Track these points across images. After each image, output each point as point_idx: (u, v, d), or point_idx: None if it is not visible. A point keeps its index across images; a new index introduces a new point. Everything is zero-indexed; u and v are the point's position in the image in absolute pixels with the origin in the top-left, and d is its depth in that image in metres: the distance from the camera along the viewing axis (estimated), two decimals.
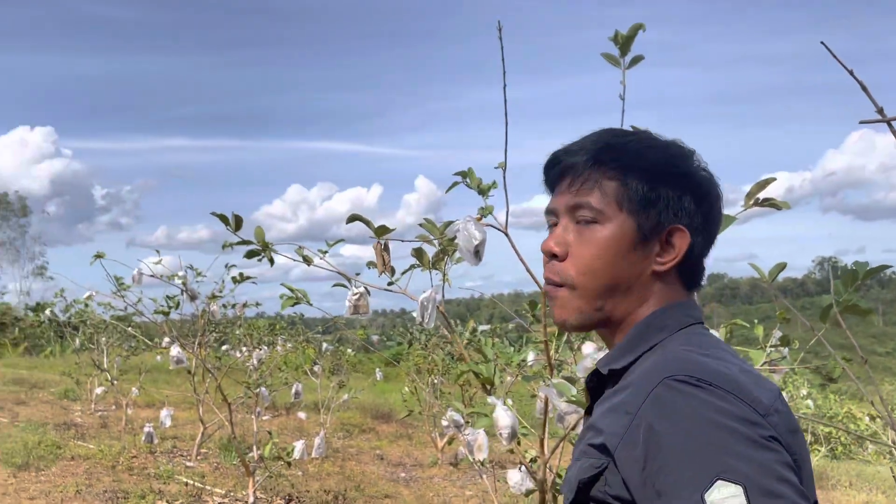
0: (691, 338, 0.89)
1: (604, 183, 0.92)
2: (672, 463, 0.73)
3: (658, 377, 0.80)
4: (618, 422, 0.82)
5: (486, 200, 2.05)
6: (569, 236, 0.94)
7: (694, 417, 0.74)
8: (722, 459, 0.70)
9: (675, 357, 0.83)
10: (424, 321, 2.21)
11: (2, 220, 32.58)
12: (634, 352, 0.91)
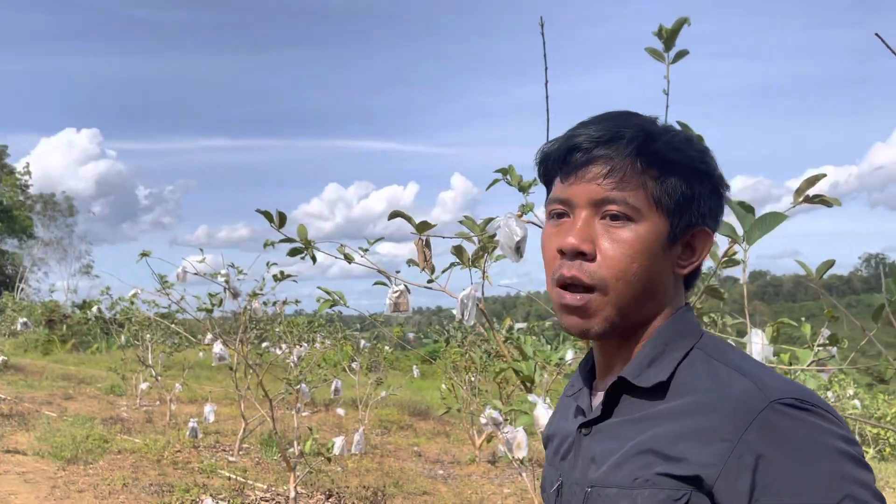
0: (726, 346, 0.87)
1: (643, 178, 0.85)
2: (791, 494, 0.71)
3: (761, 400, 0.75)
4: (709, 449, 0.75)
5: (526, 197, 2.05)
6: (593, 233, 0.85)
7: (811, 444, 0.72)
8: (844, 486, 0.70)
9: (767, 375, 0.79)
10: (465, 319, 2.22)
11: (50, 221, 33.55)
12: (669, 360, 0.85)
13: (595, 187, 0.85)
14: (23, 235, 32.61)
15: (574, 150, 0.86)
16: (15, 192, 32.70)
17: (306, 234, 2.46)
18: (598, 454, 0.86)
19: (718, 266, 1.70)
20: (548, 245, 0.89)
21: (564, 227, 0.87)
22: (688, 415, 0.79)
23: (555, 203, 0.89)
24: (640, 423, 0.83)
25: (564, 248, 0.85)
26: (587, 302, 0.85)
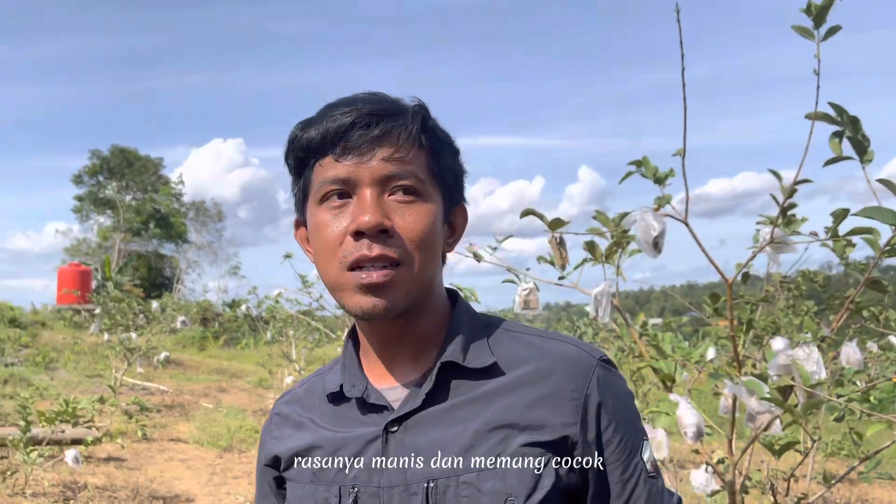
0: (515, 323, 0.91)
1: (423, 155, 0.84)
2: (623, 431, 0.84)
3: (590, 359, 0.85)
4: (564, 409, 0.81)
5: (662, 189, 1.97)
6: (387, 210, 0.81)
7: (625, 391, 0.87)
8: (641, 425, 0.87)
9: (575, 339, 0.88)
10: (599, 315, 2.17)
11: (201, 226, 36.16)
12: (482, 341, 0.86)
13: (382, 164, 0.81)
14: (178, 240, 35.41)
15: (355, 126, 0.81)
16: (170, 200, 35.55)
17: None
18: (424, 446, 0.80)
19: (880, 256, 1.56)
20: (330, 229, 0.82)
21: (348, 209, 0.81)
22: (529, 384, 0.82)
23: (331, 184, 0.82)
24: (478, 402, 0.82)
25: (364, 228, 0.79)
26: (393, 277, 0.80)
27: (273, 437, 0.93)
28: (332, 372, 0.92)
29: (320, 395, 0.90)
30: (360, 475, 0.82)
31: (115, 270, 23.40)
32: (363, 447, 0.83)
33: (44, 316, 17.88)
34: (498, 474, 0.78)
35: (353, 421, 0.85)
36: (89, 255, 32.07)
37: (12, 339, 12.52)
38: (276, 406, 0.97)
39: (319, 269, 0.85)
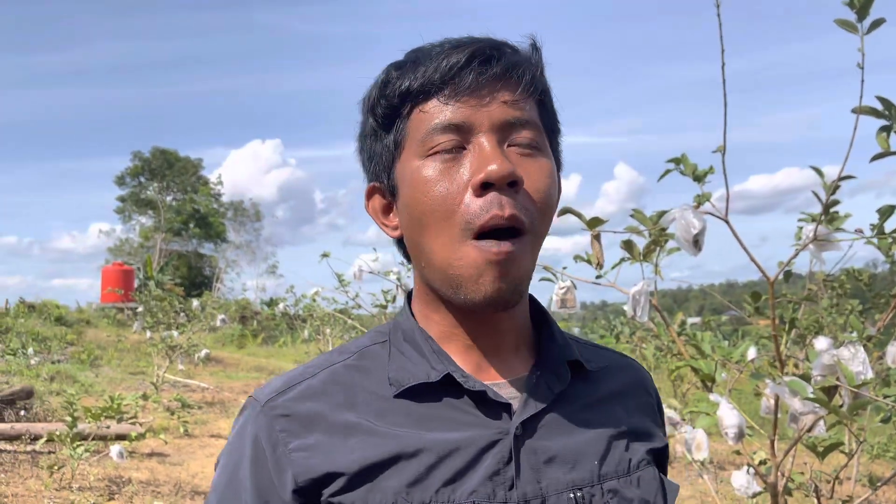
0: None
1: (537, 105, 0.71)
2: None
3: (646, 373, 0.85)
4: (654, 419, 0.81)
5: (702, 187, 1.95)
6: (510, 160, 0.67)
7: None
8: None
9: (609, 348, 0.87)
10: (637, 314, 2.15)
11: (239, 225, 36.76)
12: (569, 339, 0.79)
13: (502, 107, 0.68)
14: (217, 240, 36.03)
15: (472, 61, 0.67)
16: (210, 200, 36.19)
17: None
18: (560, 452, 0.69)
19: None
20: (442, 186, 0.66)
21: (461, 160, 0.67)
22: (626, 392, 0.80)
23: (442, 131, 0.67)
24: (599, 406, 0.75)
25: (494, 177, 0.64)
26: (517, 251, 0.66)
27: (303, 450, 0.67)
28: (396, 358, 0.73)
29: (374, 387, 0.71)
30: (480, 490, 0.65)
31: (156, 270, 23.89)
32: (478, 454, 0.67)
33: (88, 314, 18.34)
34: (635, 481, 0.72)
35: (448, 422, 0.68)
36: (131, 254, 32.81)
37: (58, 336, 12.87)
38: (269, 408, 0.70)
39: (421, 238, 0.69)
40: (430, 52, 0.69)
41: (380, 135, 0.73)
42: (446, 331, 0.73)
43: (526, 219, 0.66)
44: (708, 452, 2.34)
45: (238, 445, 0.70)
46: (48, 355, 10.89)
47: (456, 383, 0.69)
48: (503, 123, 0.67)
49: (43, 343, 11.89)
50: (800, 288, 3.18)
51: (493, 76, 0.67)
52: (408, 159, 0.69)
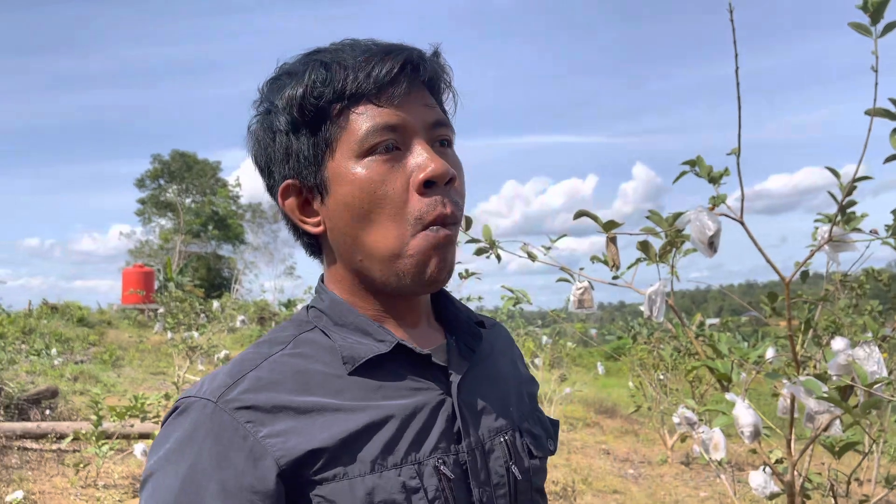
0: None
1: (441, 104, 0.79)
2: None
3: (496, 320, 0.96)
4: (523, 364, 0.95)
5: (717, 189, 1.97)
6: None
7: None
8: None
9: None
10: (653, 315, 2.17)
11: (257, 227, 37.01)
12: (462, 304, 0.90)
13: (428, 110, 0.74)
14: (236, 242, 36.31)
15: (405, 68, 0.72)
16: (228, 203, 36.48)
17: (491, 235, 2.54)
18: (484, 404, 0.79)
19: None
20: (389, 185, 0.71)
21: (400, 160, 0.72)
22: (506, 346, 0.92)
23: (381, 132, 0.71)
24: (497, 360, 0.88)
25: (438, 176, 0.71)
26: (453, 236, 0.75)
27: (278, 435, 0.67)
28: (337, 339, 0.76)
29: (325, 369, 0.73)
30: (438, 447, 0.73)
31: (176, 271, 24.13)
32: (431, 414, 0.74)
33: (110, 315, 18.57)
34: (538, 419, 0.87)
35: (399, 389, 0.74)
36: (151, 256, 33.16)
37: (81, 337, 13.06)
38: (224, 402, 0.68)
39: (362, 231, 0.73)
40: (356, 56, 0.72)
41: (302, 133, 0.74)
42: (374, 315, 0.78)
43: (458, 211, 0.74)
44: (725, 452, 2.36)
45: (189, 448, 0.66)
46: (71, 356, 11.06)
47: (401, 354, 0.75)
48: (429, 125, 0.74)
49: (66, 344, 12.07)
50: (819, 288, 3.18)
51: (422, 82, 0.75)
52: (342, 158, 0.73)
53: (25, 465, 5.09)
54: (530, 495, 0.80)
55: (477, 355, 0.83)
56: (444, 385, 0.77)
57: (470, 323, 0.84)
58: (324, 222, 0.76)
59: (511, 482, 0.77)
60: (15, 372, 7.77)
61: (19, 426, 5.58)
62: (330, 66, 0.72)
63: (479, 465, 0.75)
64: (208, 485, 0.64)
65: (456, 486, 0.72)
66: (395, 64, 0.71)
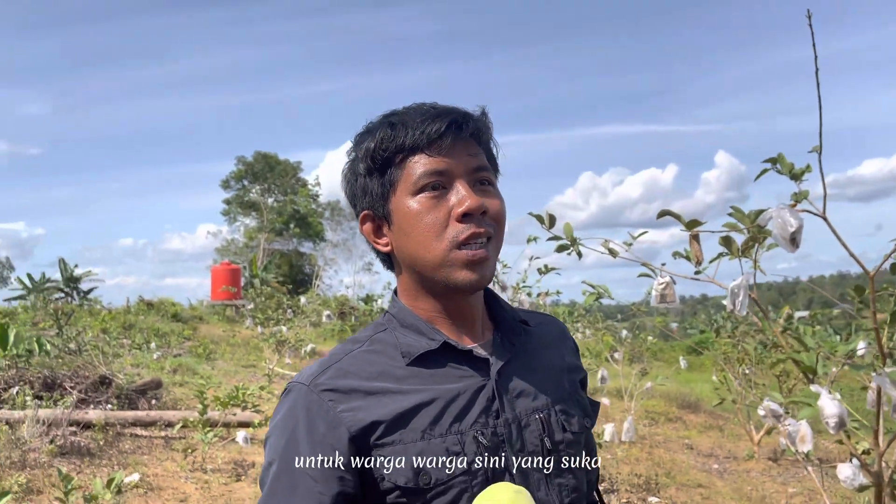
0: None
1: (487, 151, 1.01)
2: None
3: (563, 324, 1.16)
4: (576, 355, 1.14)
5: (799, 185, 2.01)
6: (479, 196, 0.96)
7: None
8: None
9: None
10: (736, 308, 2.22)
11: (336, 225, 37.84)
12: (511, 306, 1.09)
13: (471, 158, 0.96)
14: (316, 239, 37.30)
15: (451, 127, 0.94)
16: (308, 201, 37.47)
17: (572, 232, 2.63)
18: (524, 387, 0.99)
19: None
20: (433, 215, 0.94)
21: (445, 197, 0.95)
22: (556, 340, 1.11)
23: (430, 176, 0.94)
24: (542, 352, 1.06)
25: (473, 209, 0.93)
26: (487, 253, 0.95)
27: (350, 410, 0.91)
28: (399, 338, 0.98)
29: (389, 362, 0.96)
30: (478, 421, 0.93)
31: (260, 268, 25.05)
32: (473, 395, 0.95)
33: (200, 311, 19.45)
34: (576, 401, 1.06)
35: (448, 377, 0.95)
36: (237, 254, 34.47)
37: (176, 332, 13.80)
38: (314, 386, 0.93)
39: (415, 250, 0.95)
40: (415, 118, 0.96)
41: (374, 175, 0.98)
42: (432, 314, 1.00)
43: (493, 231, 0.96)
44: (812, 445, 2.38)
45: (291, 417, 0.93)
46: (168, 349, 11.71)
47: (450, 348, 0.97)
48: (471, 170, 0.96)
49: (163, 338, 12.79)
50: None
51: (463, 138, 0.96)
52: (401, 196, 0.96)
53: (137, 450, 5.51)
54: (565, 464, 0.99)
55: (518, 348, 1.03)
56: (487, 373, 0.97)
57: (514, 322, 1.05)
58: (391, 243, 1.00)
59: (544, 450, 0.97)
60: (121, 365, 8.34)
61: (131, 414, 6.03)
62: (395, 126, 0.96)
63: (515, 436, 0.95)
64: (301, 442, 0.91)
65: (491, 452, 0.92)
66: (443, 123, 0.94)
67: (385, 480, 0.90)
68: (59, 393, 6.23)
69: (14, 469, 4.48)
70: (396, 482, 0.90)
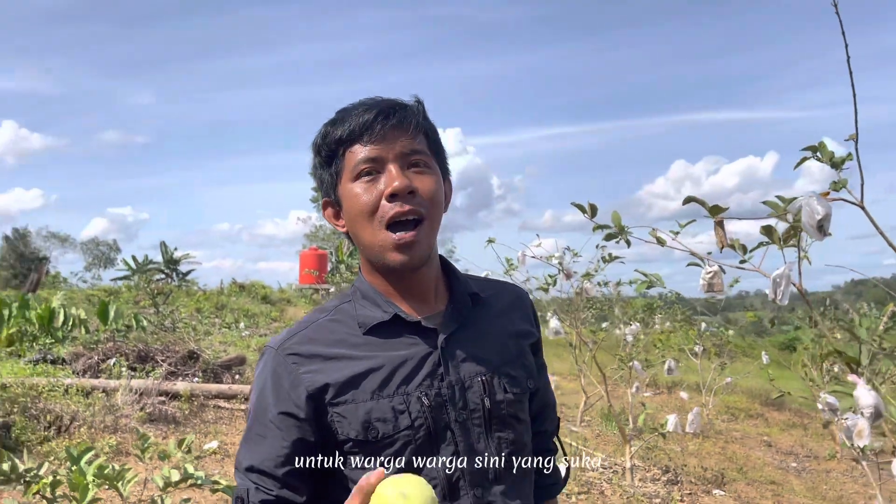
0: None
1: (424, 138, 1.09)
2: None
3: (524, 291, 1.27)
4: (527, 320, 1.22)
5: (839, 174, 1.98)
6: (408, 177, 1.04)
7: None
8: None
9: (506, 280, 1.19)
10: (777, 298, 2.21)
11: None
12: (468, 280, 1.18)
13: (400, 144, 1.05)
14: None
15: (377, 118, 1.04)
16: None
17: (619, 221, 2.66)
18: (468, 354, 1.09)
19: None
20: (366, 197, 1.04)
21: (378, 181, 1.04)
22: (510, 306, 1.20)
23: (364, 163, 1.04)
24: (491, 320, 1.15)
25: (398, 190, 1.02)
26: (417, 234, 1.04)
27: (309, 372, 1.04)
28: (358, 310, 1.10)
29: (348, 331, 1.08)
30: (423, 384, 1.05)
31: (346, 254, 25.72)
32: (420, 362, 1.06)
33: (289, 294, 20.22)
34: (521, 364, 1.15)
35: (398, 345, 1.07)
36: (325, 240, 35.47)
37: (264, 313, 14.44)
38: (281, 349, 1.07)
39: (357, 231, 1.07)
40: (351, 112, 1.07)
41: (324, 168, 1.11)
42: (386, 288, 1.11)
43: (423, 210, 1.05)
44: (870, 439, 2.34)
45: (263, 375, 1.08)
46: (256, 329, 12.29)
47: (401, 320, 1.08)
48: (402, 154, 1.06)
49: (252, 319, 13.41)
50: None
51: (392, 126, 1.06)
52: (345, 182, 1.08)
53: (219, 420, 5.87)
54: (505, 420, 1.10)
55: (467, 318, 1.13)
56: (435, 342, 1.08)
57: (464, 294, 1.15)
58: (346, 225, 1.11)
59: (485, 409, 1.07)
60: (210, 342, 8.85)
61: (214, 387, 6.42)
62: (335, 122, 1.09)
63: (458, 396, 1.07)
64: (268, 397, 1.06)
65: (434, 411, 1.04)
66: (371, 115, 1.05)
67: (339, 434, 1.04)
68: (151, 365, 6.71)
69: (107, 432, 4.89)
70: (349, 435, 1.03)
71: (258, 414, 1.07)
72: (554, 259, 5.03)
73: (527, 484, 1.15)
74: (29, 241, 40.65)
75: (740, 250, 2.34)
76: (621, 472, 5.44)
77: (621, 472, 5.42)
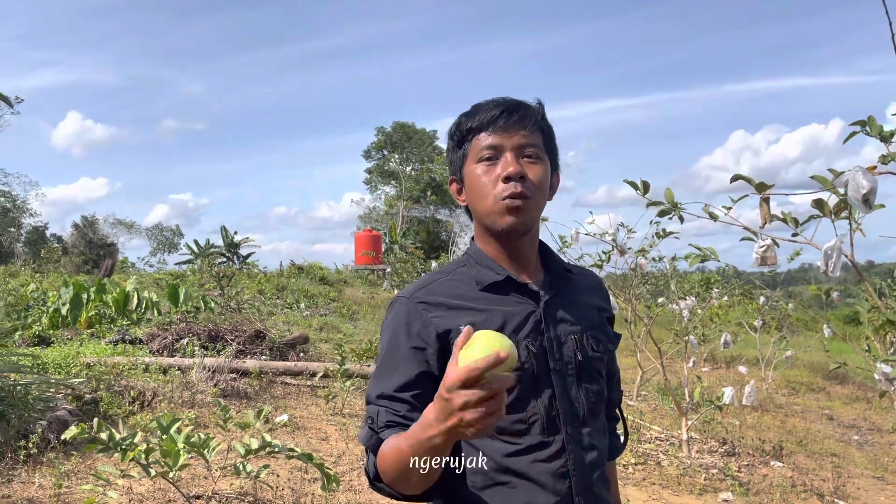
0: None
1: (540, 135, 1.29)
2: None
3: (598, 277, 1.49)
4: (606, 300, 1.45)
5: (888, 147, 2.03)
6: (522, 165, 1.25)
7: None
8: None
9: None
10: (829, 270, 2.28)
11: None
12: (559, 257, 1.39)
13: (518, 137, 1.26)
14: (452, 206, 38.04)
15: (502, 114, 1.26)
16: (444, 169, 38.16)
17: (672, 197, 2.74)
18: (564, 316, 1.30)
19: None
20: (485, 178, 1.25)
21: (497, 165, 1.25)
22: (591, 287, 1.43)
23: (487, 149, 1.26)
24: (579, 292, 1.37)
25: (512, 174, 1.23)
26: (525, 204, 1.24)
27: (436, 317, 1.24)
28: (475, 272, 1.31)
29: (467, 288, 1.28)
30: (530, 335, 1.26)
31: (400, 234, 26.03)
32: (526, 317, 1.27)
33: (345, 275, 20.64)
34: (603, 330, 1.38)
35: (508, 302, 1.27)
36: (378, 221, 35.94)
37: (323, 294, 14.83)
38: (412, 299, 1.27)
39: (475, 203, 1.29)
40: (483, 107, 1.30)
41: (454, 151, 1.34)
42: (496, 254, 1.33)
43: (530, 192, 1.26)
44: None
45: (396, 319, 1.27)
46: (316, 309, 12.65)
47: (511, 281, 1.28)
48: (518, 146, 1.27)
49: (311, 299, 13.80)
50: None
51: (513, 121, 1.27)
52: (469, 164, 1.31)
53: (287, 395, 6.16)
54: (592, 373, 1.31)
55: (562, 288, 1.34)
56: (537, 303, 1.29)
57: (560, 268, 1.37)
58: (467, 200, 1.33)
59: (577, 361, 1.29)
60: (274, 321, 9.19)
61: (281, 365, 6.71)
62: (468, 114, 1.32)
63: (555, 349, 1.27)
64: (401, 336, 1.25)
65: (538, 358, 1.25)
66: (497, 110, 1.28)
67: None
68: (222, 344, 7.04)
69: (185, 407, 5.21)
70: None
71: (390, 350, 1.25)
72: (608, 236, 5.10)
73: (604, 432, 1.35)
74: (97, 229, 42.30)
75: (792, 224, 2.41)
76: (678, 444, 5.51)
77: (678, 444, 5.49)
